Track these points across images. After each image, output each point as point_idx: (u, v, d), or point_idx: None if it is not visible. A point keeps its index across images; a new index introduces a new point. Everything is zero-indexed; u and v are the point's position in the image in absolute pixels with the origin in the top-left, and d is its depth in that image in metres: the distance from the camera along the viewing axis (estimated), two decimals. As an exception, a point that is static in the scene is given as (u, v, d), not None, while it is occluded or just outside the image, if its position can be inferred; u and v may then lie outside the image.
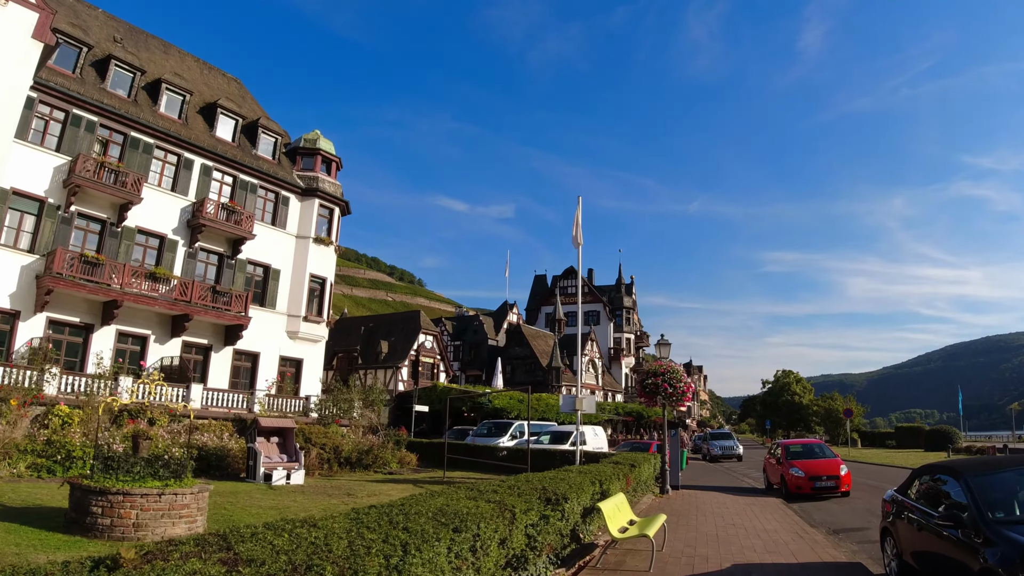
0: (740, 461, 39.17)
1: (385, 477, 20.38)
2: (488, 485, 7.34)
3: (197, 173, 28.16)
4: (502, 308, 66.59)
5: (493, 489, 7.02)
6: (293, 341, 30.77)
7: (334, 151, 33.63)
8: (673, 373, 18.31)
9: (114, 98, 26.09)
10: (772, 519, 14.00)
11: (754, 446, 72.35)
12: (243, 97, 33.93)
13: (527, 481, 8.24)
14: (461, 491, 6.77)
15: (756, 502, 17.24)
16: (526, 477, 9.03)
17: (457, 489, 6.87)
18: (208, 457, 18.96)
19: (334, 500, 14.40)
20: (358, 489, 16.79)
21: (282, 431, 19.01)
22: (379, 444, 23.32)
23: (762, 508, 15.92)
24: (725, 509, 15.47)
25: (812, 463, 19.22)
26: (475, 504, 5.81)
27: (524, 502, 6.58)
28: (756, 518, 14.10)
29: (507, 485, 7.47)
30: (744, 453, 41.83)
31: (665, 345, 20.03)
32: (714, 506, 16.13)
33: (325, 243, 32.03)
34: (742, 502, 17.26)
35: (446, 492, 6.45)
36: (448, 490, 6.61)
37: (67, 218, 24.18)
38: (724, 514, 14.61)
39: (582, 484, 9.34)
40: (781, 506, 16.42)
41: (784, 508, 15.96)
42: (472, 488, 6.98)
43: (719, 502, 17.08)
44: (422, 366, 41.49)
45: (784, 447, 20.69)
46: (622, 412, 55.74)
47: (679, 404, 18.83)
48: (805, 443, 22.11)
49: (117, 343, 25.24)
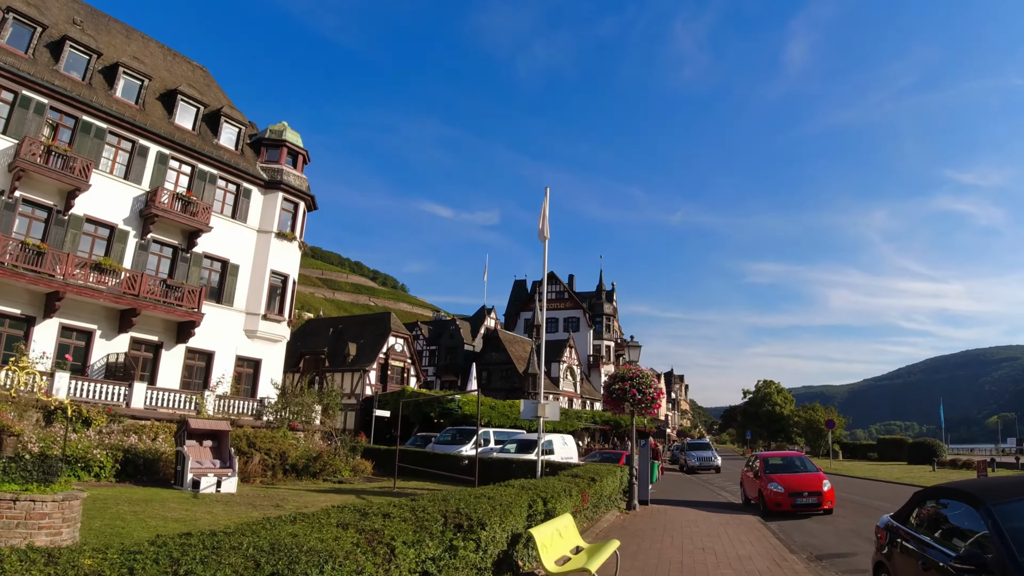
0: (718, 473, 37.69)
1: (332, 486, 18.72)
2: (382, 506, 5.78)
3: (152, 161, 26.44)
4: (480, 313, 64.91)
5: (384, 512, 5.46)
6: (251, 340, 29.01)
7: (301, 143, 32.01)
8: (642, 378, 16.85)
9: (67, 80, 24.40)
10: (748, 542, 12.51)
11: (734, 457, 71.07)
12: (208, 86, 32.25)
13: (442, 500, 6.70)
14: (345, 513, 5.22)
15: (731, 520, 15.75)
16: (449, 494, 7.50)
17: (339, 511, 5.30)
18: (135, 461, 17.23)
19: (256, 512, 12.73)
20: (292, 499, 15.14)
21: (217, 434, 17.32)
22: (330, 451, 21.60)
23: (737, 528, 14.43)
24: (696, 529, 13.96)
25: (792, 478, 17.77)
26: (336, 534, 4.25)
27: (415, 530, 5.02)
28: (730, 540, 12.60)
29: (406, 507, 5.92)
30: (723, 464, 40.32)
31: (634, 347, 18.50)
32: (684, 525, 14.62)
33: (288, 238, 30.35)
34: (716, 520, 15.76)
35: (314, 517, 4.87)
36: (319, 514, 5.03)
37: (11, 204, 22.44)
38: (694, 535, 13.09)
39: (514, 503, 7.80)
40: (758, 525, 14.94)
41: (762, 528, 14.47)
42: (358, 510, 5.41)
43: (690, 520, 15.57)
44: (391, 370, 39.76)
45: (763, 460, 19.24)
46: (599, 421, 54.21)
47: (648, 411, 17.35)
48: (785, 455, 20.69)
49: (60, 337, 23.43)
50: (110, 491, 14.78)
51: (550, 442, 24.92)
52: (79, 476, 15.96)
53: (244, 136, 30.58)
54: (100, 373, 23.97)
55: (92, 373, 23.74)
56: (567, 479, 12.53)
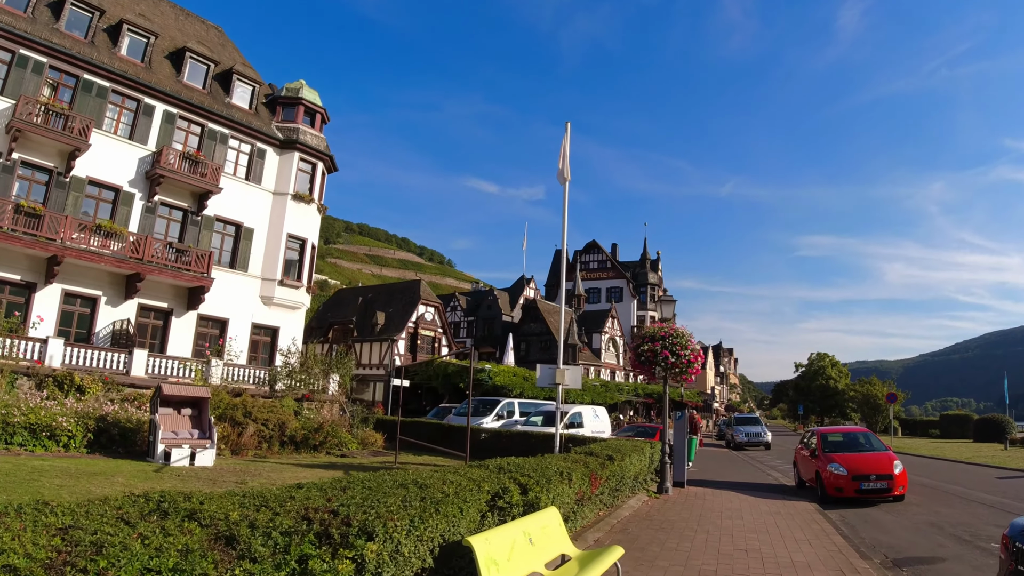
0: (768, 450, 34.41)
1: (328, 461, 16.61)
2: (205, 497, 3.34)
3: (159, 120, 24.61)
4: (518, 283, 62.22)
5: (189, 511, 3.02)
6: (268, 307, 27.19)
7: (319, 101, 29.78)
8: (676, 338, 14.01)
9: (67, 39, 22.70)
10: (804, 540, 9.74)
11: (785, 433, 67.05)
12: (223, 45, 30.26)
13: (321, 491, 4.27)
14: (137, 507, 2.83)
15: (783, 509, 12.93)
16: (352, 482, 5.07)
17: (134, 502, 2.91)
18: (109, 430, 15.44)
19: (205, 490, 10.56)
20: (268, 475, 13.02)
21: (197, 402, 15.36)
22: (332, 423, 19.53)
23: (790, 520, 11.63)
24: (739, 521, 11.21)
25: (856, 458, 14.75)
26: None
27: (221, 543, 2.57)
28: (781, 538, 9.84)
29: (251, 502, 3.52)
30: (773, 440, 36.92)
31: (667, 302, 15.49)
32: (724, 515, 11.88)
33: (306, 200, 28.29)
34: (764, 509, 12.95)
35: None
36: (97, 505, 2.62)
37: (8, 166, 20.99)
38: (736, 530, 10.36)
39: (460, 494, 5.33)
40: (816, 516, 12.11)
41: (820, 520, 11.64)
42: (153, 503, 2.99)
43: (733, 509, 12.81)
44: (421, 339, 37.69)
45: (821, 436, 16.23)
46: (642, 393, 51.26)
47: (684, 377, 14.51)
48: (847, 431, 17.61)
49: (64, 304, 21.96)
50: (65, 462, 12.95)
51: (578, 414, 22.38)
52: (45, 446, 14.25)
53: (259, 95, 28.54)
54: (106, 341, 22.46)
55: (97, 341, 22.24)
56: (574, 457, 9.96)
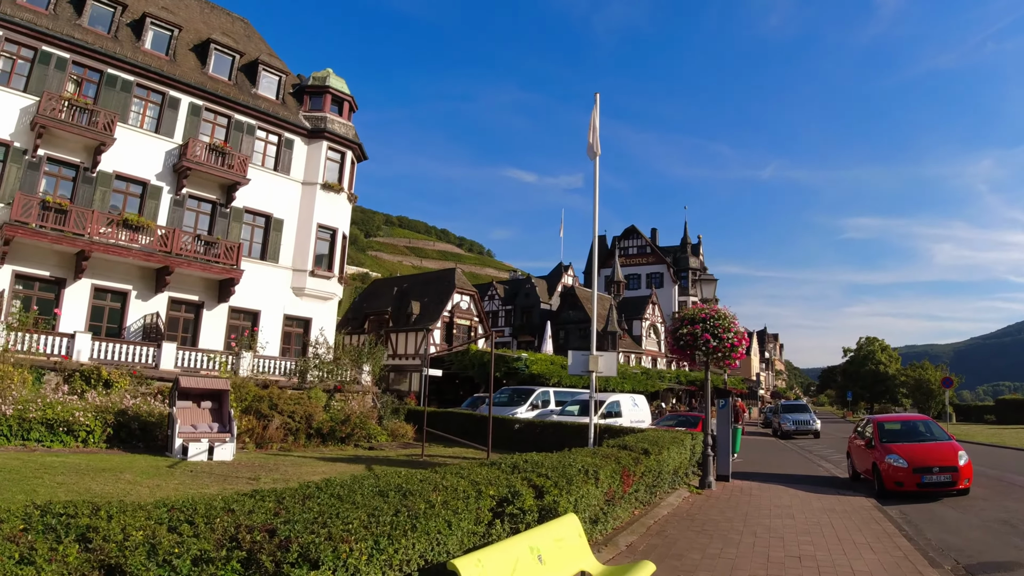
0: (817, 438, 32.63)
1: (353, 454, 15.91)
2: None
3: (184, 113, 24.26)
4: (556, 271, 60.97)
5: (80, 530, 2.13)
6: (299, 298, 26.73)
7: (347, 89, 29.12)
8: (718, 319, 12.80)
9: (90, 34, 22.46)
10: (864, 544, 8.54)
11: (833, 420, 64.35)
12: (248, 37, 29.82)
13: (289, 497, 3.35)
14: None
15: (838, 505, 11.66)
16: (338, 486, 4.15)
17: None
18: (129, 425, 15.02)
19: (212, 488, 9.88)
20: (290, 471, 12.33)
21: (217, 394, 14.80)
22: (361, 414, 18.86)
23: (847, 518, 10.39)
24: (789, 521, 10.01)
25: (917, 448, 13.31)
26: None
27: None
28: (838, 541, 8.65)
29: (148, 514, 2.62)
30: (822, 428, 35.05)
31: (708, 281, 14.21)
32: (773, 513, 10.68)
33: (335, 189, 27.69)
34: (817, 505, 11.69)
35: None
36: None
37: (34, 163, 20.83)
38: (787, 532, 9.19)
39: (450, 503, 4.40)
40: (875, 513, 10.83)
41: (880, 518, 10.37)
42: None
43: (782, 505, 11.58)
44: (457, 328, 36.95)
45: (877, 425, 14.80)
46: (684, 381, 49.64)
47: (727, 362, 13.29)
48: (906, 419, 16.13)
49: (94, 299, 21.80)
50: (79, 458, 12.51)
51: (616, 403, 21.27)
52: (63, 441, 13.87)
53: (285, 85, 28.01)
54: (137, 335, 22.27)
55: (128, 335, 22.05)
56: (605, 451, 8.94)
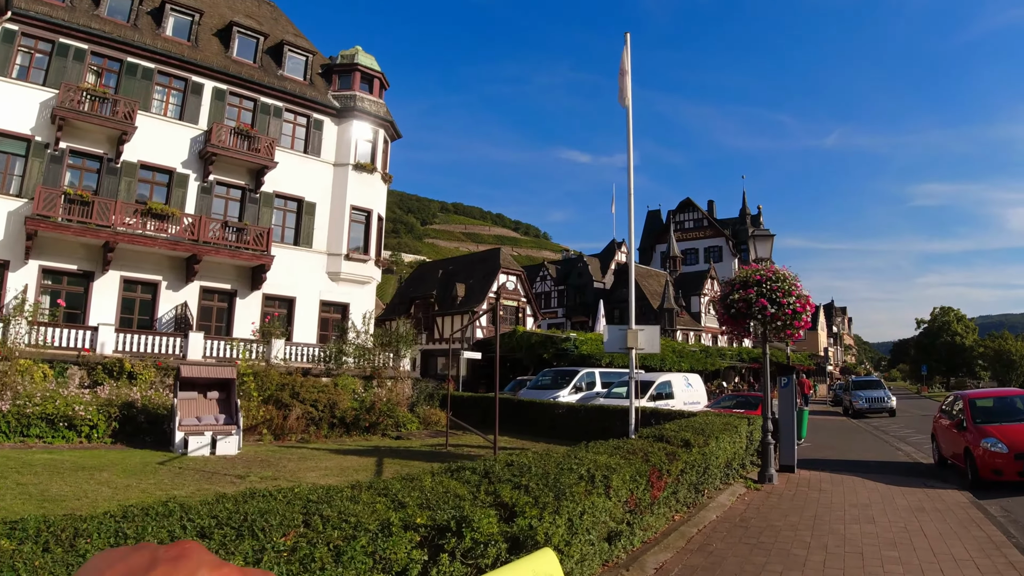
0: (892, 416, 29.40)
1: (373, 444, 14.40)
2: None
3: (208, 98, 23.27)
4: (609, 248, 58.33)
5: None
6: (336, 283, 25.55)
7: (376, 66, 27.60)
8: (776, 281, 10.54)
9: (108, 24, 21.65)
10: (965, 557, 6.38)
11: (908, 395, 59.45)
12: (276, 20, 28.67)
13: None
14: None
15: (926, 502, 9.35)
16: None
17: None
18: (135, 418, 13.97)
19: (188, 488, 8.43)
20: (291, 467, 10.89)
21: (224, 383, 13.56)
22: (389, 400, 17.39)
23: (940, 519, 8.14)
24: (870, 527, 7.83)
25: (1019, 429, 10.78)
26: None
27: None
28: (933, 557, 6.49)
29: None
30: (897, 406, 31.61)
31: (763, 237, 11.75)
32: (849, 517, 8.49)
33: (368, 169, 26.30)
34: (902, 502, 9.40)
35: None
36: None
37: (57, 156, 20.22)
38: (867, 544, 7.04)
39: (298, 549, 2.56)
40: (973, 512, 8.54)
41: (980, 519, 8.10)
42: None
43: (860, 503, 9.34)
44: (504, 310, 35.28)
45: (968, 402, 12.28)
46: (747, 358, 46.47)
47: (789, 332, 10.97)
48: (1002, 395, 13.45)
49: (124, 291, 21.13)
50: (72, 455, 11.48)
51: (667, 384, 19.12)
52: (66, 437, 12.91)
53: (313, 65, 26.73)
54: (169, 326, 21.51)
55: (160, 326, 21.31)
56: (632, 445, 6.99)
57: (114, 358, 17.80)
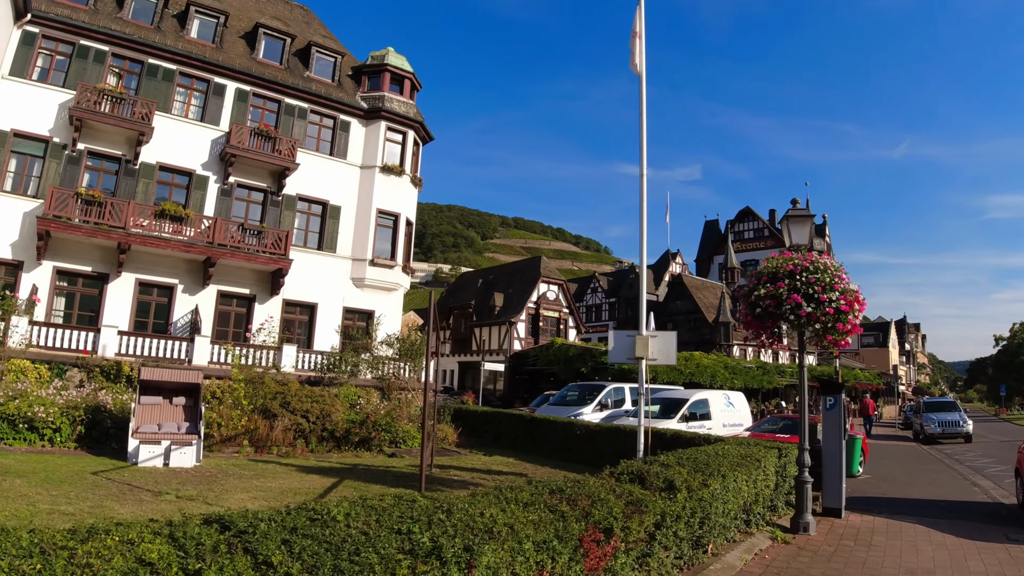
0: (968, 442, 25.39)
1: (356, 462, 12.52)
2: None
3: (231, 99, 22.40)
4: (663, 259, 55.12)
5: None
6: (360, 290, 24.15)
7: (408, 67, 26.26)
8: (814, 272, 8.09)
9: (130, 26, 21.09)
10: None
11: (985, 418, 53.07)
12: (308, 23, 27.82)
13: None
14: None
15: (1009, 567, 6.67)
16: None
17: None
18: (103, 422, 12.68)
19: (94, 504, 6.82)
20: (231, 487, 9.14)
21: (192, 389, 12.07)
22: (387, 414, 15.59)
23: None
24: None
25: None
26: None
27: None
28: None
29: None
30: (973, 430, 27.29)
31: (800, 219, 9.08)
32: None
33: (396, 172, 24.88)
34: (977, 568, 6.75)
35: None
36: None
37: (74, 157, 19.65)
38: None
39: None
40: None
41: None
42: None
43: (920, 570, 6.75)
44: (544, 321, 33.10)
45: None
46: (810, 376, 42.37)
47: (832, 336, 8.40)
48: None
49: (139, 294, 20.31)
50: (19, 459, 10.18)
51: (703, 403, 16.55)
52: (27, 439, 11.70)
53: (342, 67, 25.63)
54: (184, 330, 20.52)
55: (175, 330, 20.35)
56: (581, 490, 4.76)
57: (113, 361, 16.84)
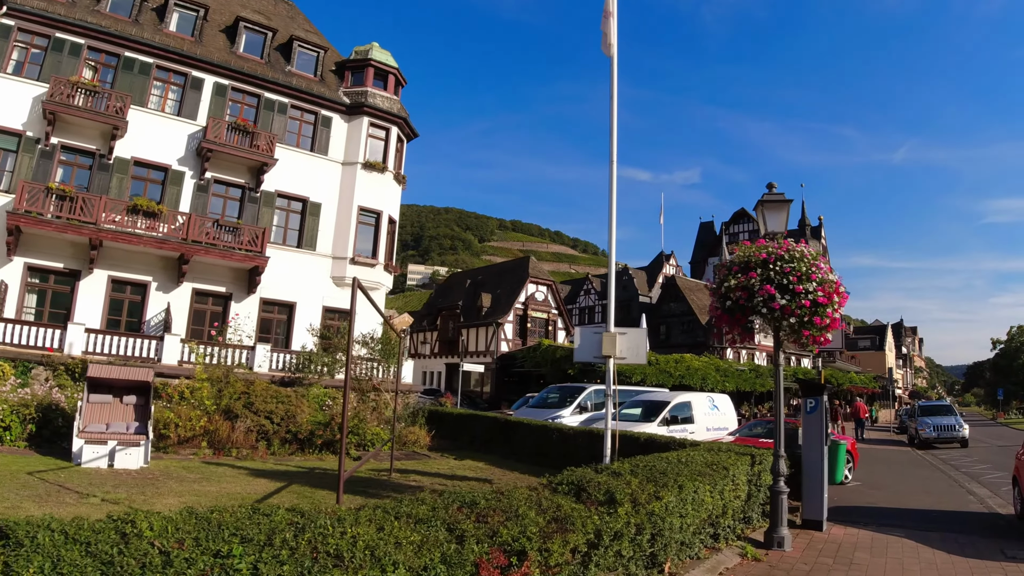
0: (964, 447, 24.64)
1: (311, 465, 11.83)
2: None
3: (209, 93, 21.75)
4: (656, 261, 54.35)
5: None
6: (341, 289, 23.45)
7: (392, 62, 25.61)
8: (790, 261, 7.41)
9: (107, 19, 20.46)
10: None
11: (983, 422, 52.10)
12: (292, 18, 27.19)
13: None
14: None
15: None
16: None
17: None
18: (54, 421, 12.05)
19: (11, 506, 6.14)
20: (165, 490, 8.48)
21: (142, 387, 11.40)
22: (354, 415, 14.92)
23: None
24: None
25: None
26: None
27: None
28: None
29: None
30: (970, 434, 26.41)
31: (775, 204, 8.34)
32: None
33: (379, 169, 24.22)
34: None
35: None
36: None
37: (47, 152, 19.00)
38: None
39: None
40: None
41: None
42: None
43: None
44: (532, 322, 32.42)
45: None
46: (803, 377, 41.74)
47: (809, 332, 7.68)
48: None
49: (112, 292, 19.64)
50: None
51: (685, 406, 15.87)
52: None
53: (325, 61, 24.98)
54: (157, 329, 19.86)
55: (148, 329, 19.70)
56: (499, 504, 4.09)
57: (79, 359, 16.16)
